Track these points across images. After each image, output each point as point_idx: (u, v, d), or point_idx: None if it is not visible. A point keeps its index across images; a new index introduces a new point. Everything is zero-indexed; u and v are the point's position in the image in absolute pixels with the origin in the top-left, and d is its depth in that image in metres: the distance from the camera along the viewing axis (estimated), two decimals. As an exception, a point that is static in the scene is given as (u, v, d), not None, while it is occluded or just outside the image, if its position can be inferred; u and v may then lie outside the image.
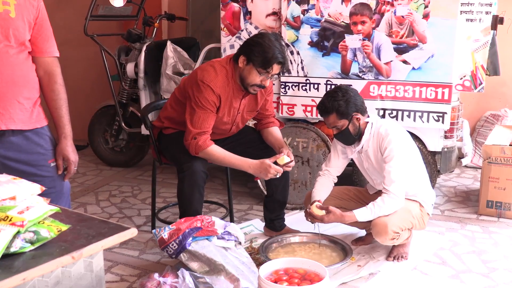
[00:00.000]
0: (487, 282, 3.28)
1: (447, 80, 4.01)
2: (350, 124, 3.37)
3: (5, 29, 2.39)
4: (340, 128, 3.38)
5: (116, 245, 3.70)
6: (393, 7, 4.02)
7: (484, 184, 4.32)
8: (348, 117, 3.35)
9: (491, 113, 5.79)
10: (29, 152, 2.53)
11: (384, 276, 3.34)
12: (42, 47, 2.60)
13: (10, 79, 2.43)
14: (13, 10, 2.40)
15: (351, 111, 3.34)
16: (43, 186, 2.51)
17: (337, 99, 3.31)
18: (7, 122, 2.46)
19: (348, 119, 3.35)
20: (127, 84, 5.48)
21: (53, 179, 2.61)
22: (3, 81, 2.41)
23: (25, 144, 2.52)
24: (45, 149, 2.60)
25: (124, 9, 5.59)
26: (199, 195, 3.41)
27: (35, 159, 2.55)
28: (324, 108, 3.36)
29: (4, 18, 2.38)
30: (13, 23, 2.41)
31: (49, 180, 2.58)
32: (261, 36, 3.35)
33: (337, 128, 3.40)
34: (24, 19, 2.46)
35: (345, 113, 3.33)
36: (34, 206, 1.69)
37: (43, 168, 2.59)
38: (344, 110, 3.32)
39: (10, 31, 2.40)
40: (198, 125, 3.33)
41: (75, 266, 1.70)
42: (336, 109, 3.32)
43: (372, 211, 3.29)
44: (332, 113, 3.34)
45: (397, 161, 3.28)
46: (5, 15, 2.38)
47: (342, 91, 3.35)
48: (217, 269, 2.98)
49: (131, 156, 5.91)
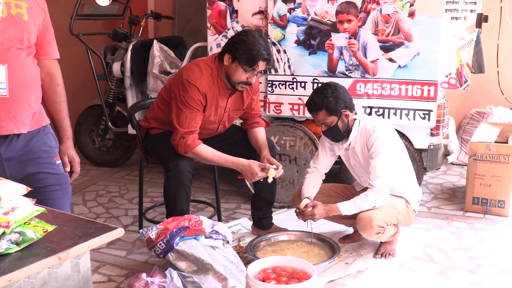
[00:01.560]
0: (474, 278, 3.31)
1: (433, 78, 4.03)
2: (339, 121, 3.38)
3: (19, 33, 2.36)
4: (329, 124, 3.39)
5: (103, 245, 3.69)
6: (379, 6, 4.04)
7: (470, 181, 4.35)
8: (337, 113, 3.35)
9: (476, 110, 5.84)
10: (34, 151, 2.50)
11: (371, 273, 3.36)
12: (47, 49, 2.58)
13: (22, 83, 2.41)
14: (25, 13, 2.38)
15: (340, 107, 3.35)
16: (49, 183, 2.52)
17: (326, 96, 3.32)
18: (19, 126, 2.43)
19: (338, 115, 3.36)
20: (114, 83, 5.46)
21: (59, 176, 2.59)
22: (17, 85, 2.38)
23: (30, 144, 2.49)
24: (50, 147, 2.58)
25: (110, 8, 5.57)
26: (186, 195, 3.40)
27: (41, 157, 2.52)
28: (313, 104, 3.36)
29: (18, 22, 2.35)
30: (26, 26, 2.39)
31: (56, 177, 2.57)
32: (245, 34, 3.34)
33: (326, 125, 3.41)
34: (35, 23, 2.44)
35: (334, 109, 3.34)
36: (19, 207, 1.67)
37: (49, 166, 2.55)
38: (333, 107, 3.33)
39: (24, 35, 2.38)
40: (186, 125, 3.33)
41: (62, 267, 1.68)
42: (325, 106, 3.32)
43: (355, 203, 3.30)
44: (322, 110, 3.34)
45: (383, 157, 3.30)
46: (18, 19, 2.36)
47: (331, 88, 3.35)
48: (205, 268, 2.97)
49: (118, 155, 5.88)
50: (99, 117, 5.74)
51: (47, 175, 2.52)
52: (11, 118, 2.39)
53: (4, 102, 2.36)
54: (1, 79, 2.34)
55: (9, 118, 2.39)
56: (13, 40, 2.34)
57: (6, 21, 2.30)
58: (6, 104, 2.36)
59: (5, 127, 2.39)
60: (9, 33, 2.32)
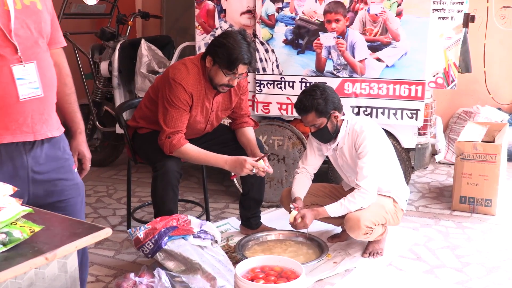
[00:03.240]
0: (461, 276, 3.33)
1: (420, 77, 4.05)
2: (329, 122, 3.38)
3: (38, 24, 2.14)
4: (319, 126, 3.39)
5: (91, 245, 3.66)
6: (366, 5, 4.05)
7: (457, 180, 4.38)
8: (326, 115, 3.35)
9: (463, 110, 5.88)
10: (56, 160, 2.27)
11: (359, 272, 3.37)
12: (55, 37, 2.33)
13: (49, 81, 2.19)
14: (38, 1, 2.16)
15: (330, 109, 3.34)
16: (70, 195, 2.30)
17: (315, 98, 3.31)
18: (52, 129, 2.22)
19: (327, 117, 3.36)
20: (101, 82, 5.43)
21: (78, 186, 2.38)
22: (46, 84, 2.16)
23: (52, 152, 2.26)
24: (68, 155, 2.37)
25: (97, 7, 5.54)
26: (173, 194, 3.39)
27: (63, 166, 2.31)
28: (303, 106, 3.35)
29: (34, 12, 2.13)
30: (42, 16, 2.17)
31: (76, 187, 2.36)
32: (225, 36, 3.30)
33: (315, 127, 3.40)
34: (48, 11, 2.22)
35: (324, 111, 3.33)
36: (6, 207, 1.66)
37: (69, 175, 2.34)
38: (323, 109, 3.32)
39: (42, 26, 2.16)
40: (172, 124, 3.32)
41: (49, 267, 1.67)
42: (315, 108, 3.32)
43: (343, 205, 3.32)
44: (311, 112, 3.34)
45: (371, 157, 3.31)
46: (34, 8, 2.13)
47: (320, 89, 3.35)
48: (194, 268, 2.97)
49: (106, 155, 5.85)
50: (87, 117, 5.69)
51: (69, 187, 2.32)
52: (44, 121, 2.18)
53: (38, 104, 2.14)
54: (33, 78, 2.12)
55: (43, 121, 2.17)
56: (35, 33, 2.14)
57: (23, 13, 2.10)
58: (40, 105, 2.15)
59: (39, 131, 2.17)
60: (30, 26, 2.12)
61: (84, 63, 5.46)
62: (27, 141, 2.15)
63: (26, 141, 2.15)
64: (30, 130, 2.15)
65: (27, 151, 2.16)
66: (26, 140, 2.15)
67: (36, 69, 2.12)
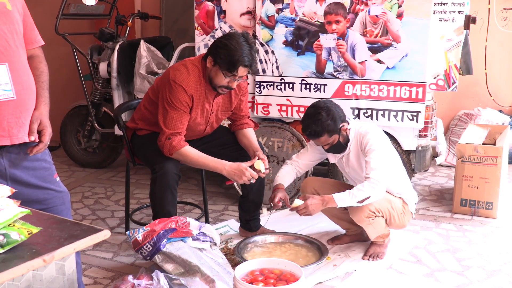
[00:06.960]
0: (461, 280, 3.31)
1: (421, 79, 4.03)
2: (340, 136, 3.40)
3: (9, 24, 2.10)
4: (332, 143, 3.40)
5: (89, 248, 3.66)
6: (367, 7, 4.04)
7: (458, 183, 4.36)
8: (337, 132, 3.37)
9: (464, 112, 5.86)
10: (34, 167, 2.25)
11: (359, 275, 3.35)
12: (31, 37, 2.30)
13: (26, 85, 2.16)
14: (7, 1, 2.11)
15: (339, 125, 3.37)
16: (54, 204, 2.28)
17: (323, 121, 3.30)
18: (30, 133, 2.20)
19: (338, 133, 3.38)
20: (100, 83, 5.42)
21: (61, 194, 2.37)
22: (23, 87, 2.14)
23: (30, 159, 2.23)
24: (49, 163, 2.34)
25: (96, 8, 5.53)
26: (172, 197, 3.37)
27: (42, 175, 2.29)
28: (313, 132, 3.35)
29: (3, 12, 2.08)
30: (13, 16, 2.13)
31: (59, 195, 2.36)
32: (228, 38, 3.29)
33: (329, 144, 3.42)
34: (18, 10, 2.18)
35: (334, 130, 3.35)
36: (3, 208, 1.65)
37: (50, 185, 2.33)
38: (333, 128, 3.34)
39: (15, 26, 2.11)
40: (172, 126, 3.30)
41: (47, 269, 1.66)
42: (326, 130, 3.33)
43: (351, 193, 3.26)
44: (323, 135, 3.35)
45: (377, 153, 3.30)
46: (3, 9, 2.09)
47: (324, 111, 3.32)
48: (192, 270, 2.95)
49: (104, 157, 5.84)
50: (85, 118, 5.70)
51: (52, 195, 2.31)
52: (21, 125, 2.15)
53: (13, 107, 2.11)
54: (4, 80, 2.09)
55: (20, 125, 2.15)
56: (7, 34, 2.10)
57: None
58: (15, 108, 2.12)
59: (16, 135, 2.15)
60: (0, 27, 2.08)
61: (82, 64, 5.45)
62: (3, 145, 2.13)
63: (2, 145, 2.13)
64: (7, 134, 2.13)
65: (3, 154, 2.15)
66: (2, 144, 2.13)
67: (8, 71, 2.09)
